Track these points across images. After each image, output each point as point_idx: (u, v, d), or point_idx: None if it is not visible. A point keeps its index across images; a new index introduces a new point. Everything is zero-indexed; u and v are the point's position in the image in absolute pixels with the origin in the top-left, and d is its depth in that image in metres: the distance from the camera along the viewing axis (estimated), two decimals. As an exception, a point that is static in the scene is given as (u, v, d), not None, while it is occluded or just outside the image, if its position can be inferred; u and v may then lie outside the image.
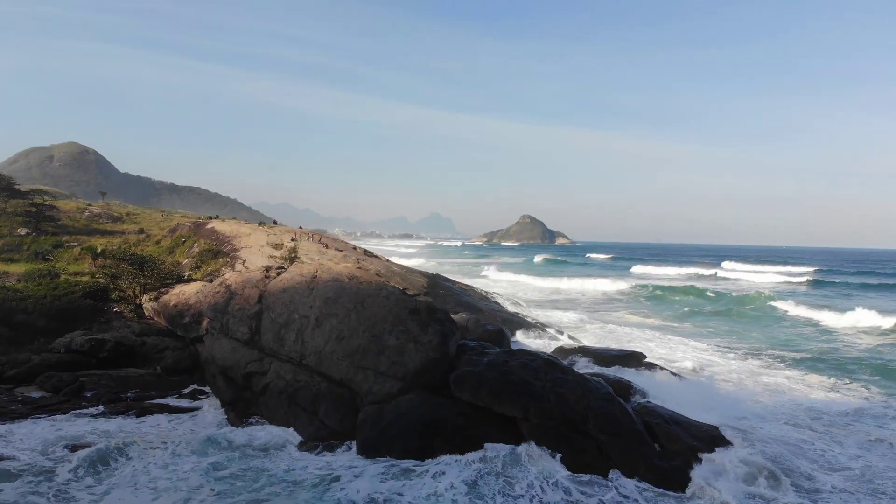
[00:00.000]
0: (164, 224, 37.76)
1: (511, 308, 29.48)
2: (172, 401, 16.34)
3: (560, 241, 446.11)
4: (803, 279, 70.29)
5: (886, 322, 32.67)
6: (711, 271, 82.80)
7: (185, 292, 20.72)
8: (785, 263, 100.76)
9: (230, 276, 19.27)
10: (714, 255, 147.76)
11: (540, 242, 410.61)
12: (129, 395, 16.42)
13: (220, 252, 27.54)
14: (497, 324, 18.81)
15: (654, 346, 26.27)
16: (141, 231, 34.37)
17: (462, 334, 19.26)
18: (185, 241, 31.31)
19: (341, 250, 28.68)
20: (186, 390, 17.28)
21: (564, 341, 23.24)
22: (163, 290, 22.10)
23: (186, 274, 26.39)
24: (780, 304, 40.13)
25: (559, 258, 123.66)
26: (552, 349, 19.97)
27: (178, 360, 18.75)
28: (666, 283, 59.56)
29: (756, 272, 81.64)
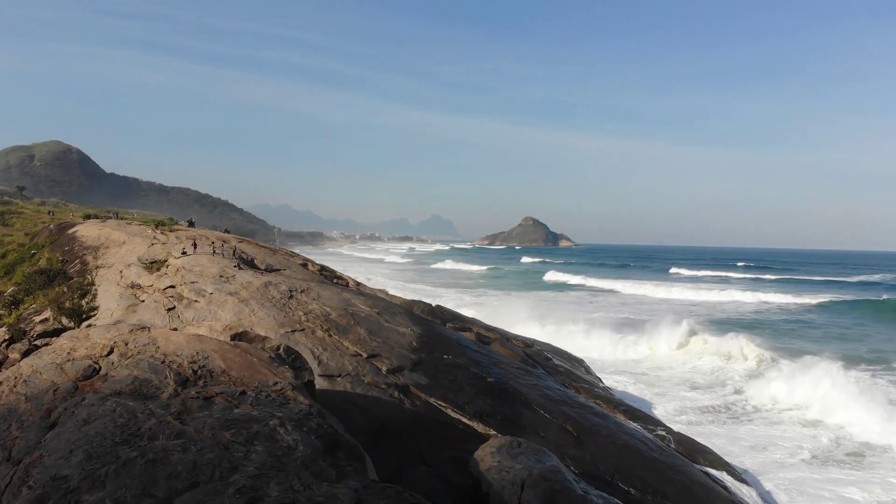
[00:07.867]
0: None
1: (570, 375, 17.42)
2: None
3: (564, 243, 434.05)
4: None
5: None
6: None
7: None
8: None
9: None
10: (698, 260, 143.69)
11: (543, 245, 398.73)
12: None
13: (61, 274, 15.83)
14: (599, 498, 6.69)
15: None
16: (-12, 237, 22.74)
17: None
18: (34, 254, 19.64)
19: (275, 269, 16.88)
20: None
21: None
22: None
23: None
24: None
25: (503, 267, 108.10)
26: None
27: None
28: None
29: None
